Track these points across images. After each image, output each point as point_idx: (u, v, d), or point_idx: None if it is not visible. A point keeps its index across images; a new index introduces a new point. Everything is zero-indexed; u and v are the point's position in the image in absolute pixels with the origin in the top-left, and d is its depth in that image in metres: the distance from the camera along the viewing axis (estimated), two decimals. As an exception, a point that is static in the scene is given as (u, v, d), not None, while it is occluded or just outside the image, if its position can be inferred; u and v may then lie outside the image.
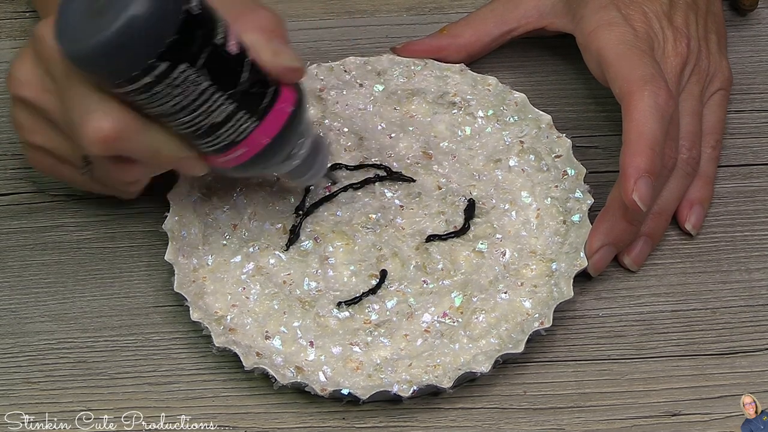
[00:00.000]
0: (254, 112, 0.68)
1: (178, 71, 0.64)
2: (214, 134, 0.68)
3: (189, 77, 0.64)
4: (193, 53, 0.64)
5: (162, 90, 0.64)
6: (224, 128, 0.67)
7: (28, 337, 0.73)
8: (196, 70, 0.64)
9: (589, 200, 0.76)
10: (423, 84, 0.82)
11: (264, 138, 0.69)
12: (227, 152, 0.69)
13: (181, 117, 0.66)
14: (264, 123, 0.68)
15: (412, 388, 0.69)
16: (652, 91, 0.72)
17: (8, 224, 0.78)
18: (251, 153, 0.69)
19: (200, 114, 0.66)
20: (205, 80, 0.65)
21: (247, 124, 0.68)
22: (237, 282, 0.74)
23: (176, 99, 0.65)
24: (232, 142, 0.68)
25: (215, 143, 0.68)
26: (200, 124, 0.67)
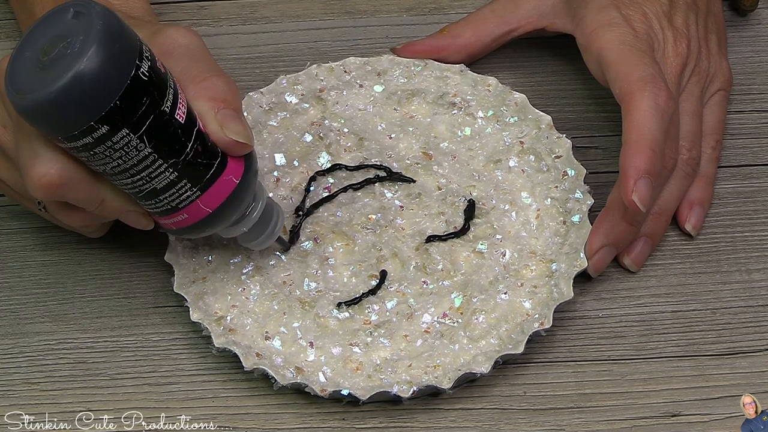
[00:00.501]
0: (197, 182, 0.67)
1: (119, 136, 0.63)
2: (155, 198, 0.67)
3: (130, 143, 0.63)
4: (136, 120, 0.63)
5: (102, 152, 0.63)
6: (165, 194, 0.67)
7: (28, 338, 0.73)
8: (138, 137, 0.63)
9: (589, 201, 0.76)
10: (423, 84, 0.82)
11: (206, 208, 0.68)
12: (169, 216, 0.68)
13: (121, 178, 0.65)
14: (206, 194, 0.67)
15: (411, 388, 0.69)
16: (652, 91, 0.72)
17: (8, 224, 0.78)
18: (192, 220, 0.68)
19: (141, 179, 0.65)
20: (146, 148, 0.64)
21: (189, 193, 0.67)
22: (237, 282, 0.74)
23: (116, 161, 0.64)
24: (174, 208, 0.67)
25: (156, 206, 0.67)
26: (141, 188, 0.66)
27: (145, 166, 0.64)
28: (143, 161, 0.64)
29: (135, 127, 0.63)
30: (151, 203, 0.67)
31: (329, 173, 0.78)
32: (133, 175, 0.65)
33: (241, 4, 0.90)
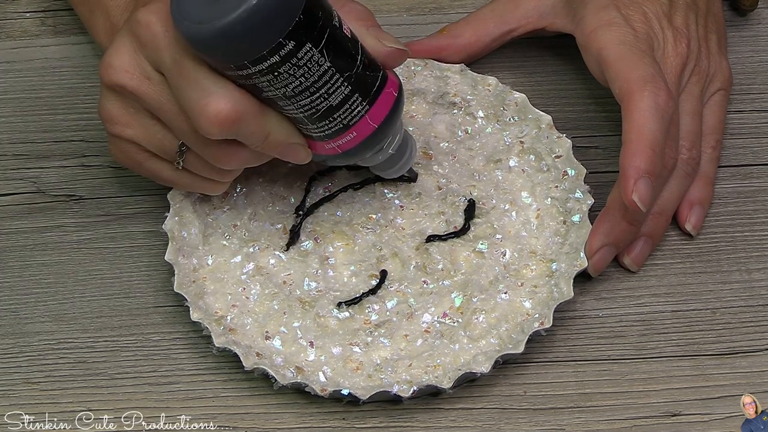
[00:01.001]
0: (366, 95, 0.69)
1: (303, 51, 0.64)
2: (329, 117, 0.68)
3: (312, 58, 0.65)
4: (317, 34, 0.64)
5: (286, 71, 0.65)
6: (339, 111, 0.68)
7: (28, 337, 0.73)
8: (319, 51, 0.65)
9: (589, 200, 0.76)
10: (423, 84, 0.82)
11: (373, 122, 0.70)
12: (337, 137, 0.70)
13: (300, 99, 0.67)
14: (374, 108, 0.69)
15: (412, 388, 0.69)
16: (652, 91, 0.72)
17: (8, 224, 0.78)
18: (360, 138, 0.70)
19: (319, 96, 0.67)
20: (325, 62, 0.65)
21: (360, 107, 0.69)
22: (237, 282, 0.74)
23: (299, 80, 0.65)
24: (345, 126, 0.69)
25: (328, 127, 0.69)
26: (318, 107, 0.67)
27: (324, 82, 0.66)
28: (323, 76, 0.66)
29: (316, 41, 0.65)
30: (324, 124, 0.68)
31: (329, 173, 0.78)
32: (313, 93, 0.66)
33: (241, 4, 0.90)
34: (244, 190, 0.77)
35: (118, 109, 0.70)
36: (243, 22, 0.62)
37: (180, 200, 0.75)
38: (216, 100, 0.65)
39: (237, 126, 0.66)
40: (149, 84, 0.68)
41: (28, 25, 0.88)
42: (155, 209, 0.77)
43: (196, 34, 0.63)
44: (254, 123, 0.67)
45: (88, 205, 0.79)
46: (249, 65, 0.64)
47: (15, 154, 0.81)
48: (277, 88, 0.66)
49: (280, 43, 0.63)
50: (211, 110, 0.65)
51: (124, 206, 0.78)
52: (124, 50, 0.68)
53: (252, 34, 0.63)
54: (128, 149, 0.72)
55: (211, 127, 0.66)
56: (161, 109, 0.69)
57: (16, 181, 0.80)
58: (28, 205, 0.79)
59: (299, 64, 0.65)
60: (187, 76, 0.66)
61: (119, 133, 0.71)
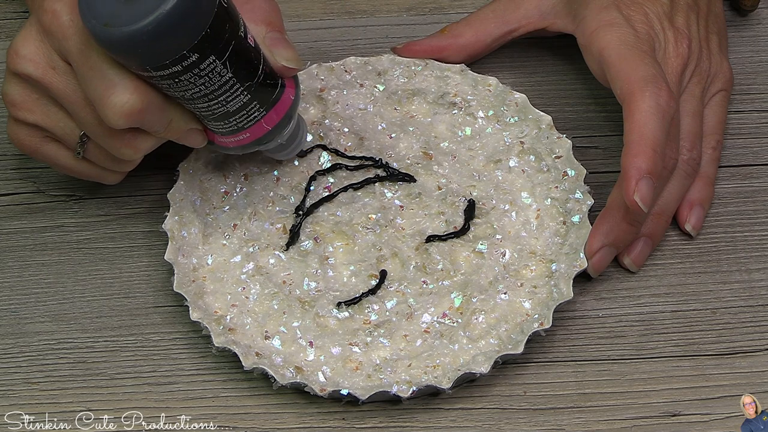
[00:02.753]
0: (265, 102, 0.70)
1: (206, 63, 0.65)
2: (225, 120, 0.69)
3: (215, 69, 0.65)
4: (222, 46, 0.65)
5: (187, 79, 0.65)
6: (236, 116, 0.69)
7: (28, 337, 0.73)
8: (222, 63, 0.65)
9: (589, 201, 0.76)
10: (423, 84, 0.82)
11: (267, 125, 0.71)
12: (231, 136, 0.71)
13: (198, 103, 0.67)
14: (270, 112, 0.70)
15: (411, 388, 0.69)
16: (653, 92, 0.72)
17: (8, 224, 0.78)
18: (252, 138, 0.71)
19: (217, 103, 0.68)
20: (227, 72, 0.66)
21: (257, 113, 0.70)
22: (237, 282, 0.74)
23: (198, 87, 0.66)
24: (239, 128, 0.70)
25: (223, 127, 0.70)
26: (215, 111, 0.68)
27: (224, 90, 0.67)
28: (224, 86, 0.67)
29: (221, 54, 0.65)
30: (219, 125, 0.70)
31: (329, 173, 0.78)
32: (211, 99, 0.67)
33: (242, 4, 0.90)
34: (244, 190, 0.77)
35: (22, 95, 0.70)
36: (149, 32, 0.62)
37: (180, 200, 0.75)
38: (121, 91, 0.66)
39: (141, 116, 0.67)
40: (54, 73, 0.69)
41: (29, 24, 0.88)
42: (155, 209, 0.77)
43: (101, 34, 0.63)
44: (158, 113, 0.68)
45: (88, 205, 0.79)
46: (151, 70, 0.64)
47: (15, 154, 0.81)
48: (177, 91, 0.66)
49: (183, 55, 0.64)
50: (116, 101, 0.66)
51: (124, 206, 0.78)
52: (31, 38, 0.69)
53: (157, 44, 0.63)
54: (29, 134, 0.72)
55: (117, 118, 0.66)
56: (66, 98, 0.69)
57: (16, 181, 0.80)
58: (28, 205, 0.79)
59: (201, 74, 0.65)
60: (93, 67, 0.66)
61: (23, 118, 0.71)
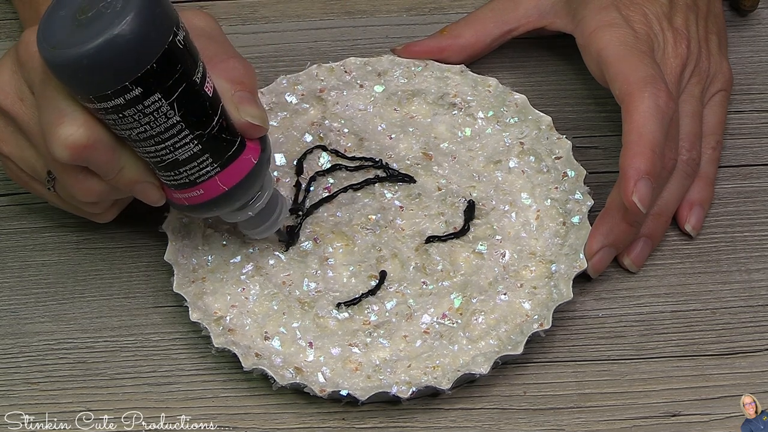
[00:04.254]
0: (218, 158, 0.67)
1: (151, 100, 0.63)
2: (175, 170, 0.67)
3: (160, 108, 0.64)
4: (170, 86, 0.63)
5: (131, 115, 0.63)
6: (186, 167, 0.67)
7: (28, 338, 0.73)
8: (169, 103, 0.64)
9: (588, 202, 0.76)
10: (423, 85, 0.82)
11: (223, 185, 0.68)
12: (184, 190, 0.68)
13: (144, 145, 0.65)
14: (225, 171, 0.68)
15: (411, 389, 0.69)
16: (653, 92, 0.72)
17: (8, 224, 0.78)
18: (207, 197, 0.69)
19: (165, 148, 0.66)
20: (175, 115, 0.64)
21: (209, 168, 0.67)
22: (236, 282, 0.74)
23: (143, 127, 0.64)
24: (191, 182, 0.68)
25: (174, 179, 0.68)
26: (163, 157, 0.66)
27: (171, 135, 0.65)
28: (170, 129, 0.65)
29: (167, 93, 0.63)
30: (170, 174, 0.67)
31: (329, 173, 0.78)
32: (158, 143, 0.65)
33: (241, 4, 0.90)
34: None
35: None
36: (90, 57, 0.61)
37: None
38: (69, 122, 0.64)
39: (87, 152, 0.65)
40: (21, 105, 0.68)
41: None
42: (155, 210, 0.76)
43: (48, 57, 0.62)
44: (106, 154, 0.66)
45: (88, 206, 0.79)
46: (94, 100, 0.63)
47: (15, 154, 0.81)
48: (122, 129, 0.65)
49: (126, 87, 0.62)
50: (62, 132, 0.64)
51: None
52: (6, 68, 0.68)
53: (98, 70, 0.61)
54: (11, 167, 0.72)
55: (61, 150, 0.65)
56: (30, 131, 0.68)
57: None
58: (28, 205, 0.79)
59: (145, 112, 0.63)
60: (48, 97, 0.65)
61: (0, 149, 0.71)
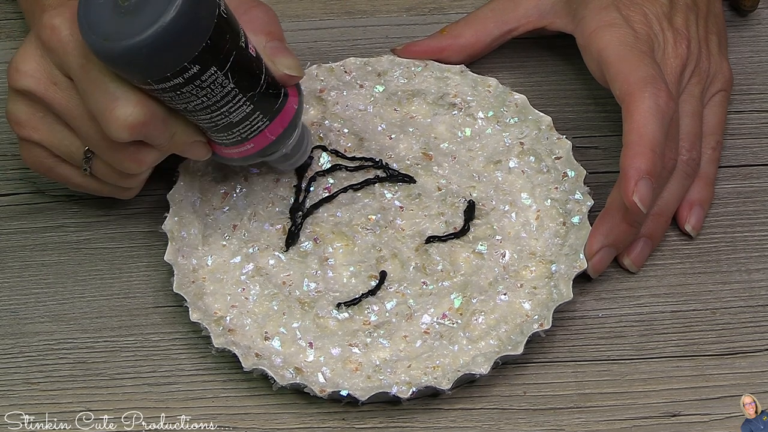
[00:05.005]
0: (268, 112, 0.70)
1: (208, 74, 0.65)
2: (229, 131, 0.69)
3: (216, 80, 0.65)
4: (223, 57, 0.65)
5: (189, 90, 0.65)
6: (239, 127, 0.69)
7: (28, 338, 0.73)
8: (224, 74, 0.65)
9: (589, 202, 0.76)
10: (423, 85, 0.82)
11: (271, 135, 0.71)
12: (234, 147, 0.71)
13: (201, 115, 0.67)
14: (274, 122, 0.70)
15: (411, 389, 0.69)
16: (653, 92, 0.72)
17: (8, 224, 0.78)
18: (257, 149, 0.71)
19: (220, 114, 0.67)
20: (229, 83, 0.66)
21: (260, 123, 0.70)
22: (236, 283, 0.74)
23: (201, 99, 0.66)
24: (243, 139, 0.70)
25: (227, 138, 0.70)
26: (218, 122, 0.68)
27: (227, 101, 0.67)
28: (226, 96, 0.66)
29: (222, 65, 0.65)
30: (223, 135, 0.69)
31: (329, 173, 0.78)
32: (214, 111, 0.67)
33: (241, 4, 0.90)
34: (244, 191, 0.77)
35: (26, 113, 0.70)
36: (149, 45, 0.62)
37: (179, 201, 0.75)
38: (124, 104, 0.65)
39: (145, 129, 0.67)
40: (56, 89, 0.68)
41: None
42: (155, 209, 0.77)
43: (101, 49, 0.63)
44: (161, 125, 0.67)
45: (88, 205, 0.79)
46: (152, 83, 0.64)
47: (15, 154, 0.81)
48: (179, 103, 0.66)
49: (184, 67, 0.63)
50: (119, 114, 0.65)
51: (124, 206, 0.78)
52: (31, 54, 0.68)
53: (157, 57, 0.63)
54: (38, 153, 0.72)
55: (120, 131, 0.66)
56: (68, 114, 0.69)
57: (16, 181, 0.80)
58: (28, 205, 0.79)
59: (202, 86, 0.65)
60: (94, 81, 0.66)
61: (27, 136, 0.71)
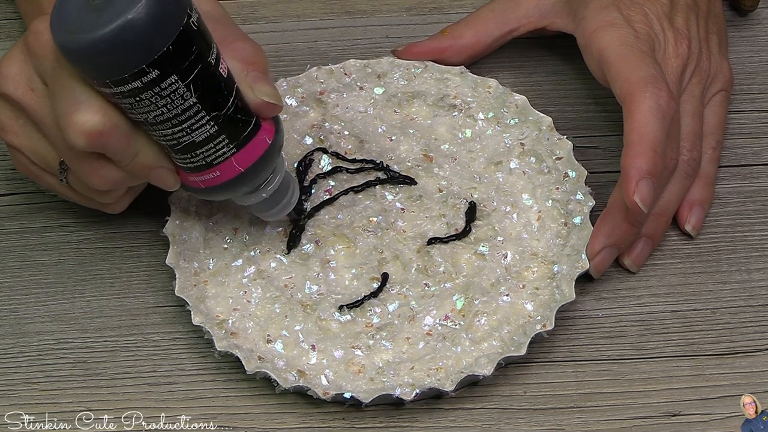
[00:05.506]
0: (234, 138, 0.68)
1: (168, 82, 0.63)
2: (192, 152, 0.67)
3: (177, 90, 0.64)
4: (186, 67, 0.64)
5: (148, 98, 0.64)
6: (202, 149, 0.67)
7: (28, 338, 0.73)
8: (185, 85, 0.64)
9: (590, 202, 0.76)
10: (423, 87, 0.82)
11: (239, 166, 0.69)
12: (200, 173, 0.69)
13: (161, 128, 0.66)
14: (241, 152, 0.68)
15: (414, 391, 0.69)
16: (654, 92, 0.72)
17: (8, 224, 0.78)
18: (223, 179, 0.69)
19: (182, 130, 0.66)
20: (191, 97, 0.65)
21: (225, 150, 0.68)
22: (238, 286, 0.74)
23: (161, 110, 0.64)
24: (208, 164, 0.68)
25: (191, 161, 0.68)
26: (180, 140, 0.66)
27: (188, 117, 0.65)
28: (187, 111, 0.65)
29: (184, 75, 0.64)
30: (186, 157, 0.68)
31: (330, 176, 0.78)
32: (175, 125, 0.66)
33: (241, 4, 0.90)
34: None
35: (9, 118, 0.70)
36: (108, 40, 0.61)
37: (181, 204, 0.75)
38: (85, 109, 0.65)
39: (104, 138, 0.65)
40: (32, 95, 0.68)
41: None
42: (155, 209, 0.77)
43: (63, 43, 0.63)
44: (122, 139, 0.66)
45: (88, 206, 0.79)
46: (111, 84, 0.63)
47: (15, 154, 0.81)
48: (139, 112, 0.65)
49: (143, 70, 0.62)
50: (78, 119, 0.65)
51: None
52: (15, 59, 0.68)
53: (115, 53, 0.62)
54: (22, 159, 0.72)
55: (78, 137, 0.65)
56: (42, 121, 0.68)
57: (16, 181, 0.80)
58: (28, 205, 0.79)
59: (162, 94, 0.64)
60: (63, 85, 0.65)
61: (10, 141, 0.71)
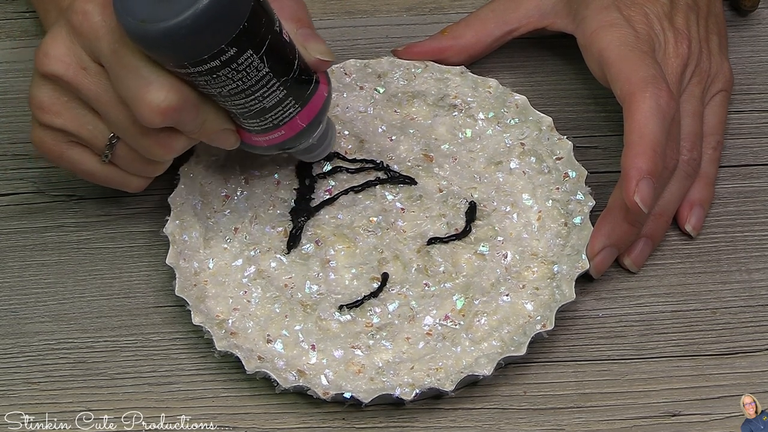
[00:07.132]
0: (300, 98, 0.70)
1: (244, 57, 0.65)
2: (261, 117, 0.69)
3: (252, 63, 0.65)
4: (259, 41, 0.65)
5: (225, 74, 0.65)
6: (272, 113, 0.69)
7: (28, 338, 0.73)
8: (259, 57, 0.65)
9: (590, 202, 0.76)
10: (423, 86, 0.82)
11: (302, 122, 0.71)
12: (266, 134, 0.71)
13: (235, 99, 0.67)
14: (305, 109, 0.70)
15: (414, 391, 0.69)
16: (654, 92, 0.72)
17: (8, 224, 0.78)
18: (287, 136, 0.71)
19: (254, 99, 0.68)
20: (264, 67, 0.66)
21: (291, 110, 0.70)
22: (238, 285, 0.74)
23: (236, 83, 0.66)
24: (275, 126, 0.70)
25: (258, 125, 0.70)
26: (252, 108, 0.68)
27: (261, 86, 0.67)
28: (260, 81, 0.67)
29: (257, 48, 0.65)
30: (255, 122, 0.70)
31: (330, 176, 0.78)
32: (248, 95, 0.67)
33: (241, 4, 0.90)
34: (245, 194, 0.77)
35: (50, 98, 0.70)
36: (187, 26, 0.62)
37: (180, 204, 0.75)
38: (157, 89, 0.66)
39: (178, 114, 0.67)
40: (85, 74, 0.68)
41: (28, 25, 0.88)
42: (155, 210, 0.77)
43: (138, 31, 0.63)
44: (193, 111, 0.68)
45: (88, 205, 0.79)
46: (189, 66, 0.64)
47: (15, 154, 0.81)
48: (214, 87, 0.66)
49: (222, 49, 0.64)
50: (152, 99, 0.66)
51: (124, 206, 0.78)
52: (60, 39, 0.68)
53: (195, 38, 0.63)
54: (54, 139, 0.72)
55: (153, 116, 0.66)
56: (98, 99, 0.69)
57: (16, 181, 0.80)
58: (28, 205, 0.79)
59: (238, 69, 0.65)
60: (127, 66, 0.66)
61: (49, 122, 0.71)
